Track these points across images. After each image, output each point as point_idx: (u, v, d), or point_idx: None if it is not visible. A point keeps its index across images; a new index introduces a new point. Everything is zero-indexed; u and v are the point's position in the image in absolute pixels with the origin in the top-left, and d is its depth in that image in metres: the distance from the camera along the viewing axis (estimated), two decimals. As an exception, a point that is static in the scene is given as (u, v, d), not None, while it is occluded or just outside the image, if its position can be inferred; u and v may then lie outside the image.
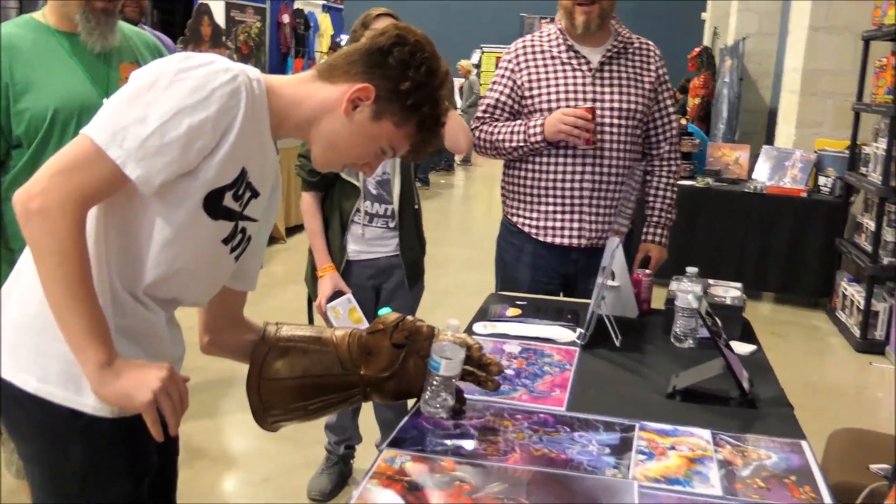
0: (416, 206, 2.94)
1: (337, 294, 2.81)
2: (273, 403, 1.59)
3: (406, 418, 1.73)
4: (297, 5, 11.39)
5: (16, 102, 2.22)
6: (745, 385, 1.89)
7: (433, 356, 1.64)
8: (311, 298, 2.96)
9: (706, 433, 1.72)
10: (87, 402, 1.33)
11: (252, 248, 1.54)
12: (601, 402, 1.89)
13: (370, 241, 2.86)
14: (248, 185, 1.41)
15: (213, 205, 1.35)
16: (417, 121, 1.43)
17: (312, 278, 2.90)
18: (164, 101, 1.25)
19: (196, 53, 1.33)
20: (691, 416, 1.81)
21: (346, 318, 2.76)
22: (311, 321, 3.02)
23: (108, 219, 1.32)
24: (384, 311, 1.72)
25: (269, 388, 1.59)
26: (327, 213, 2.87)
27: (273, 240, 6.79)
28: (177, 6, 6.41)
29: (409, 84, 1.40)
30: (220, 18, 8.44)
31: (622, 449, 1.64)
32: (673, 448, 1.65)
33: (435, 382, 1.66)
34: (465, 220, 9.71)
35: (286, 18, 10.90)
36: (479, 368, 1.72)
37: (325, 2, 12.46)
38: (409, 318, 1.66)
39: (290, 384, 1.59)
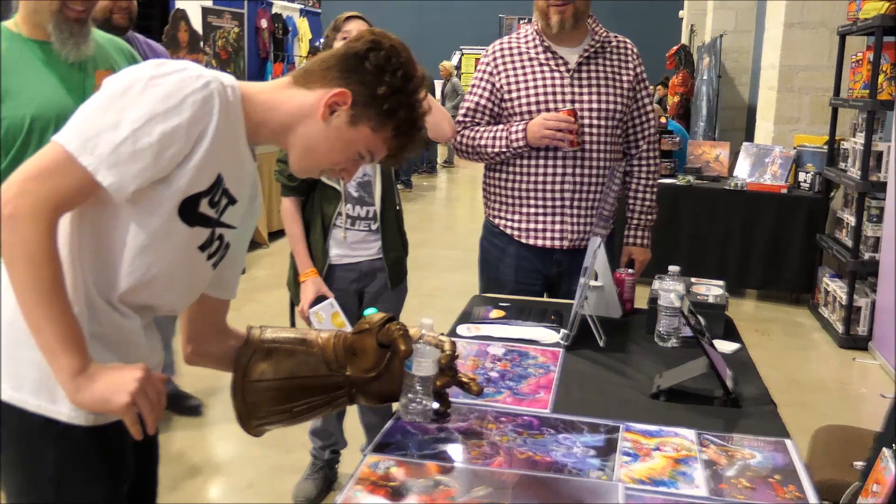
0: (398, 207, 2.93)
1: (320, 299, 2.79)
2: (258, 406, 1.58)
3: (390, 422, 1.72)
4: (274, 10, 11.35)
5: (-9, 112, 2.19)
6: (729, 384, 1.89)
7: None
8: (294, 303, 2.94)
9: (691, 433, 1.72)
10: (62, 411, 1.32)
11: (231, 255, 1.53)
12: (585, 403, 1.88)
13: (353, 245, 2.84)
14: (225, 191, 1.40)
15: (188, 211, 1.34)
16: (394, 126, 1.43)
17: (295, 283, 2.88)
18: (137, 108, 1.24)
19: (169, 60, 1.32)
20: (676, 416, 1.81)
21: (328, 322, 2.74)
22: (293, 326, 3.00)
23: (81, 225, 1.31)
24: (370, 311, 1.71)
25: (254, 389, 1.57)
26: (308, 217, 2.85)
27: (255, 244, 6.76)
28: (153, 11, 6.39)
29: (385, 89, 1.40)
30: (197, 24, 8.40)
31: (607, 450, 1.63)
32: (658, 449, 1.65)
33: (411, 384, 1.64)
34: (449, 222, 9.70)
35: (264, 23, 10.85)
36: (458, 385, 1.71)
37: (302, 5, 12.41)
38: (397, 324, 1.63)
39: (274, 385, 1.58)
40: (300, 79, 1.44)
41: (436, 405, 1.72)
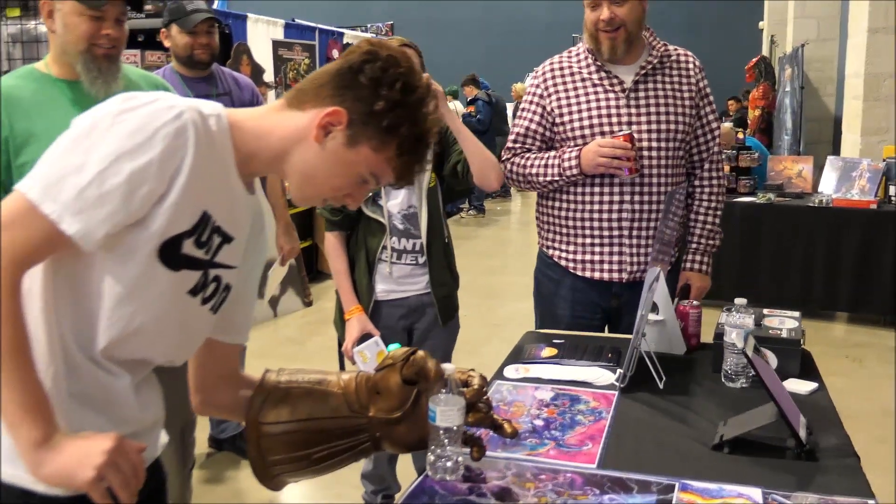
0: (446, 240, 2.79)
1: (365, 337, 2.67)
2: (273, 453, 1.45)
3: (416, 481, 1.57)
4: (345, 40, 11.43)
5: (16, 156, 2.15)
6: (802, 433, 1.68)
7: (430, 405, 1.47)
8: (341, 342, 2.82)
9: (756, 492, 1.52)
10: (39, 482, 1.20)
11: (236, 297, 1.41)
12: (638, 455, 1.69)
13: (399, 280, 2.71)
14: (216, 229, 1.27)
15: (170, 255, 1.21)
16: (397, 144, 1.28)
17: (341, 322, 2.76)
18: (103, 147, 1.13)
19: (140, 93, 1.20)
20: (740, 472, 1.61)
21: (373, 362, 2.60)
22: (341, 367, 2.88)
23: (56, 277, 1.20)
24: (394, 346, 1.58)
25: (269, 433, 1.45)
26: (353, 252, 2.74)
27: (324, 276, 6.72)
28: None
29: (383, 104, 1.25)
30: (268, 57, 8.47)
31: (658, 515, 1.45)
32: (717, 513, 1.45)
33: (437, 438, 1.49)
34: (522, 248, 9.50)
35: (336, 53, 10.93)
36: (491, 427, 1.56)
37: (374, 35, 12.49)
38: (421, 353, 1.49)
39: (290, 428, 1.45)
40: (293, 100, 1.31)
41: (466, 450, 1.56)
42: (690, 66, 2.65)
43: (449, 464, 1.51)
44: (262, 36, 8.60)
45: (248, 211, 1.37)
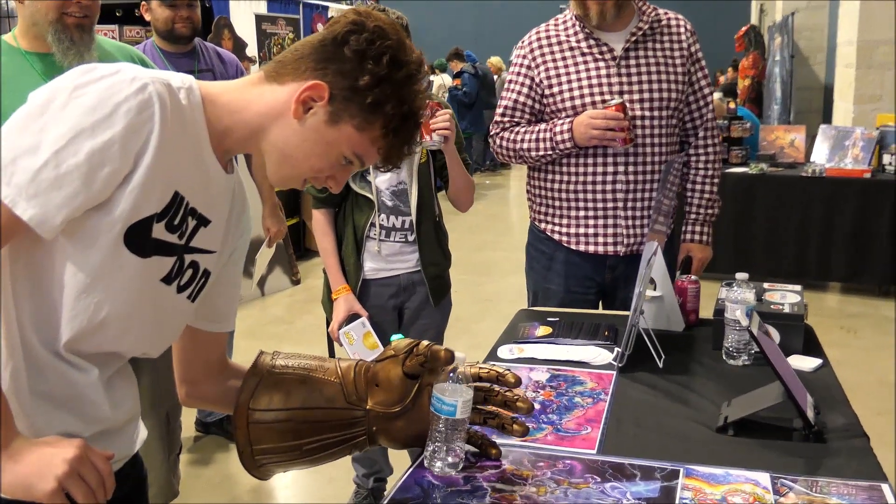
0: (438, 218, 2.70)
1: (353, 317, 2.59)
2: (262, 441, 1.37)
3: (407, 472, 1.49)
4: (330, 13, 11.25)
5: (-16, 131, 2.05)
6: (810, 413, 1.61)
7: (434, 394, 1.39)
8: (329, 323, 2.74)
9: (764, 477, 1.45)
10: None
11: (217, 283, 1.31)
12: (639, 440, 1.62)
13: (388, 258, 2.63)
14: (192, 211, 1.18)
15: (138, 239, 1.11)
16: (382, 122, 1.18)
17: (328, 301, 2.68)
18: (59, 125, 1.03)
19: (101, 65, 1.10)
20: (746, 455, 1.54)
21: (360, 343, 2.53)
22: (330, 348, 2.80)
23: (14, 266, 1.10)
24: (396, 337, 1.50)
25: (259, 420, 1.37)
26: (340, 229, 2.65)
27: (311, 253, 6.63)
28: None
29: (368, 79, 1.15)
30: (250, 32, 8.32)
31: (663, 503, 1.37)
32: (724, 500, 1.38)
33: (440, 428, 1.41)
34: (511, 223, 9.42)
35: (320, 27, 10.75)
36: (502, 406, 1.47)
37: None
38: (425, 342, 1.41)
39: (282, 417, 1.37)
40: (272, 73, 1.21)
41: (470, 448, 1.50)
42: (682, 30, 2.56)
43: (448, 459, 1.43)
44: (244, 10, 8.45)
45: (227, 191, 1.27)
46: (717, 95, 7.39)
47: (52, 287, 1.10)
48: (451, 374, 1.39)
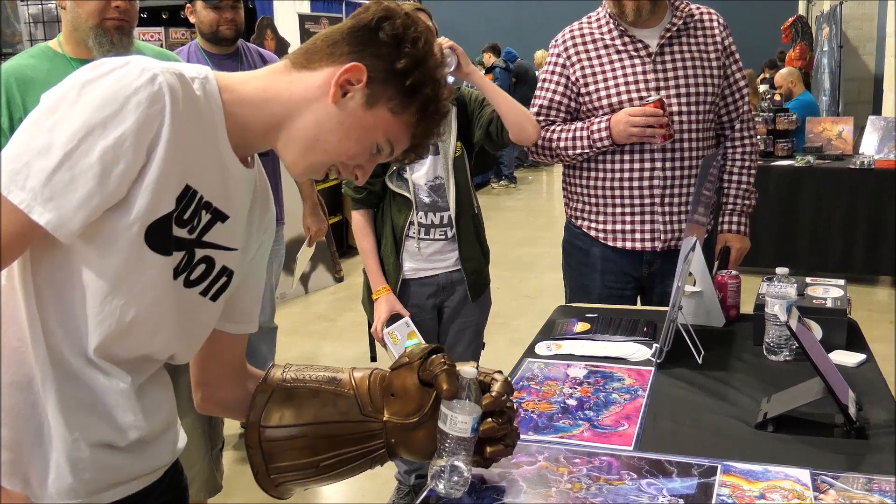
0: (476, 211, 2.70)
1: (395, 317, 2.60)
2: (277, 459, 1.33)
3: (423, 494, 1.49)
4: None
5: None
6: (852, 409, 1.58)
7: (442, 410, 1.30)
8: (370, 323, 2.76)
9: (804, 474, 1.43)
10: (36, 493, 1.11)
11: (240, 282, 1.28)
12: (677, 436, 1.61)
13: (428, 257, 2.64)
14: (206, 205, 1.15)
15: (159, 238, 1.09)
16: (419, 106, 1.18)
17: (369, 302, 2.70)
18: (70, 123, 1.00)
19: (111, 59, 1.07)
20: (786, 452, 1.52)
21: (404, 343, 2.54)
22: (372, 349, 2.81)
23: (36, 275, 1.08)
24: (411, 344, 1.47)
25: (271, 437, 1.33)
26: (379, 230, 2.66)
27: (354, 250, 6.67)
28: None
29: (406, 62, 1.15)
30: (294, 32, 8.38)
31: (700, 500, 1.37)
32: (762, 497, 1.37)
33: (447, 447, 1.31)
34: (553, 217, 9.38)
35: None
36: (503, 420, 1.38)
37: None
38: (440, 359, 1.34)
39: (296, 433, 1.33)
40: (300, 60, 1.19)
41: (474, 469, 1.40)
42: (715, 24, 2.55)
43: (455, 478, 1.34)
44: (288, 10, 8.52)
45: (246, 186, 1.23)
46: (762, 88, 7.29)
47: (74, 293, 1.08)
48: (465, 384, 1.32)
